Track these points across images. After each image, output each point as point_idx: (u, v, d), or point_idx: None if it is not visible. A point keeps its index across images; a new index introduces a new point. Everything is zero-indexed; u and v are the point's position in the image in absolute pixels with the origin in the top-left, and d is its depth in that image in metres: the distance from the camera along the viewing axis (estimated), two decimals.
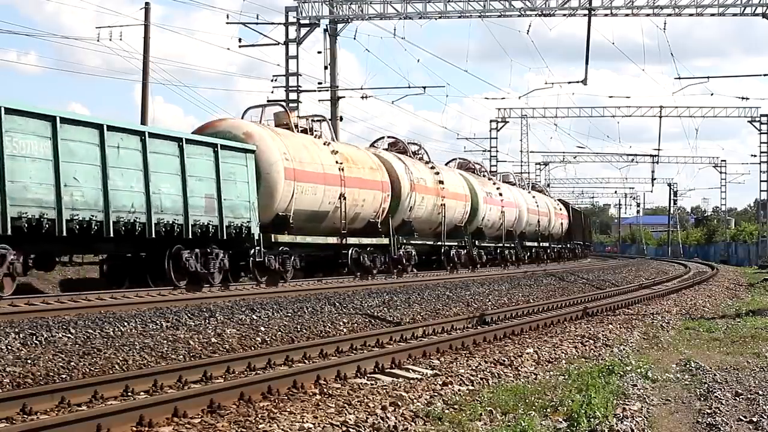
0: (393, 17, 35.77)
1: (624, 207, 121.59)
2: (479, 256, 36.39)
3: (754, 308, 20.88)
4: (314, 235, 23.66)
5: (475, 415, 8.08)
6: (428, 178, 31.00)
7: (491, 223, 38.37)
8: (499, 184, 41.68)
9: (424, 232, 30.86)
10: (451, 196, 32.83)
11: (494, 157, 61.15)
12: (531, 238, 46.59)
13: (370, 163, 26.91)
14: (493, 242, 39.48)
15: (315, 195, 23.18)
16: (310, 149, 23.71)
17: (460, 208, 33.84)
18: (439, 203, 31.46)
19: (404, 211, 28.58)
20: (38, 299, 15.13)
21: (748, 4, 33.82)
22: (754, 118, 57.97)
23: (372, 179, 26.39)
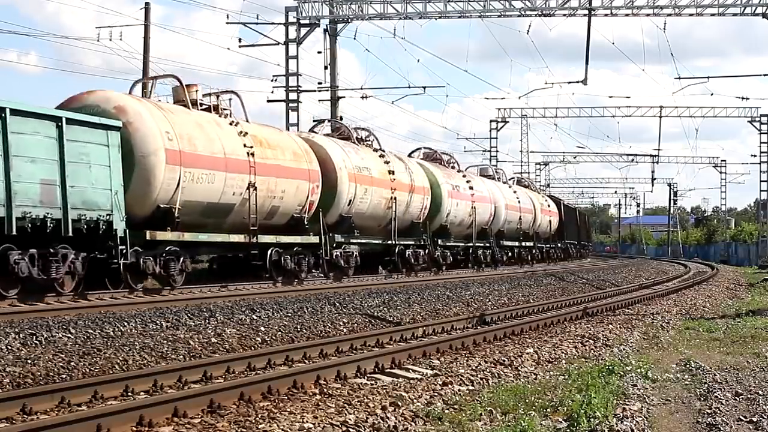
0: (393, 17, 35.79)
1: (624, 207, 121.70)
2: (443, 257, 32.30)
3: (754, 308, 20.88)
4: (217, 232, 19.84)
5: (475, 415, 8.08)
6: (375, 168, 26.96)
7: (459, 220, 34.23)
8: (471, 177, 37.16)
9: (370, 229, 27.00)
10: (405, 189, 28.81)
11: (494, 157, 61.21)
12: (511, 237, 42.45)
13: (294, 147, 22.93)
14: (462, 241, 35.26)
15: (212, 184, 19.18)
16: (208, 129, 19.57)
17: (417, 202, 29.81)
18: (389, 196, 27.47)
19: (341, 205, 24.75)
20: (38, 299, 15.12)
21: (748, 4, 33.82)
22: (754, 118, 57.99)
23: (295, 167, 22.37)
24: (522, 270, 37.28)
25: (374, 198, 26.66)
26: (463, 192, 34.62)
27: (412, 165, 30.92)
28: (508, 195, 42.33)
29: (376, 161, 27.51)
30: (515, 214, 42.35)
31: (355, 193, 25.36)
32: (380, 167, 27.52)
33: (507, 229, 41.28)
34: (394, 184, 27.91)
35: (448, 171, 34.52)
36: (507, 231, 41.35)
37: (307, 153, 23.43)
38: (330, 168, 24.36)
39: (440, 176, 32.54)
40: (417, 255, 29.78)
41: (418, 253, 29.90)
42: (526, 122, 68.20)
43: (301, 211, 22.83)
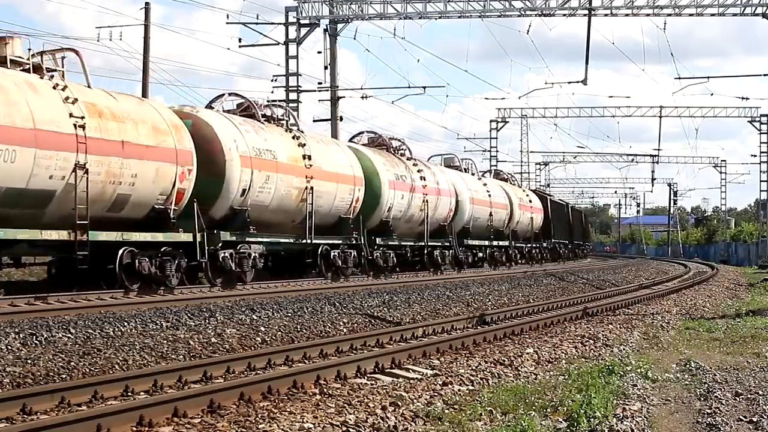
0: (393, 17, 35.80)
1: (624, 207, 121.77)
2: (385, 258, 27.67)
3: (754, 308, 20.89)
4: (32, 226, 15.61)
5: (475, 415, 8.08)
6: (283, 151, 22.10)
7: (406, 215, 29.60)
8: (426, 167, 32.24)
9: (278, 226, 22.48)
10: (327, 177, 24.06)
11: (494, 157, 61.24)
12: (480, 236, 37.69)
13: (155, 121, 17.91)
14: (412, 240, 30.65)
15: (12, 163, 14.74)
16: (12, 93, 15.11)
17: (345, 193, 25.14)
18: (303, 186, 22.74)
19: (231, 195, 20.01)
20: (38, 299, 15.12)
21: (748, 4, 33.84)
22: (754, 118, 58.02)
23: (154, 145, 17.58)
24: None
25: (281, 187, 21.75)
26: (412, 183, 29.83)
27: (341, 150, 26.18)
28: (476, 188, 37.44)
29: (285, 143, 22.48)
30: (484, 209, 37.89)
31: (251, 180, 20.40)
32: (291, 150, 22.55)
33: (474, 227, 36.74)
34: (310, 172, 22.99)
35: (393, 159, 29.74)
36: (474, 229, 36.76)
37: (177, 129, 18.43)
38: (216, 149, 19.70)
39: (380, 164, 27.90)
40: (347, 257, 25.12)
41: (349, 254, 25.26)
42: (526, 122, 68.26)
43: (165, 202, 17.96)
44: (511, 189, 43.92)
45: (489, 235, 38.71)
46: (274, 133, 22.45)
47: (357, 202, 25.96)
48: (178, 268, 18.12)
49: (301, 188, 22.80)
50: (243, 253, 20.34)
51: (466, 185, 35.74)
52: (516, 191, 44.92)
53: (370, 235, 26.90)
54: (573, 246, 59.34)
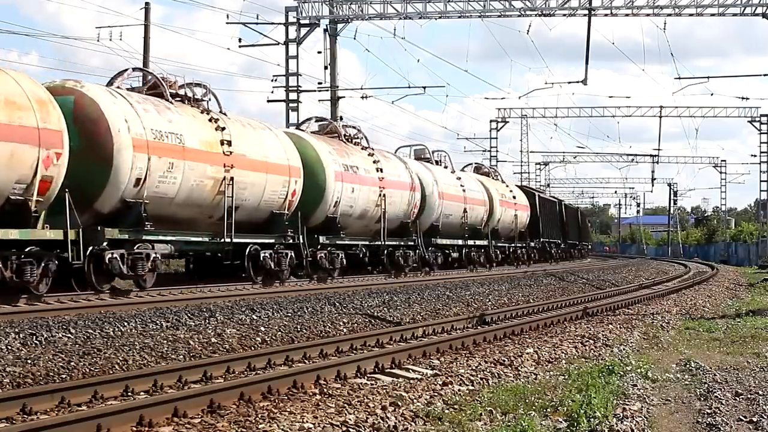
0: (393, 17, 35.83)
1: (624, 207, 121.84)
2: (331, 258, 24.33)
3: (754, 308, 20.89)
4: None
5: (475, 415, 8.08)
6: (194, 136, 18.91)
7: (359, 212, 26.14)
8: (384, 157, 28.68)
9: (188, 221, 19.29)
10: (253, 167, 20.76)
11: (494, 157, 61.26)
12: (452, 234, 34.34)
13: (9, 93, 14.70)
14: (366, 239, 27.08)
15: None
16: None
17: (276, 186, 21.63)
18: (221, 176, 19.43)
19: (122, 185, 17.10)
20: (38, 299, 15.12)
21: (748, 4, 33.85)
22: (754, 118, 58.03)
23: (5, 123, 14.37)
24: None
25: (190, 177, 18.63)
26: (365, 175, 26.44)
27: (274, 136, 22.61)
28: (448, 182, 33.99)
29: (198, 126, 19.31)
30: (457, 205, 34.40)
31: (148, 168, 17.50)
32: (205, 135, 19.35)
33: (445, 225, 33.21)
34: (230, 159, 19.77)
35: (346, 148, 26.45)
36: (445, 227, 33.27)
37: (43, 105, 15.28)
38: (102, 130, 16.88)
39: (326, 153, 24.64)
40: (281, 258, 21.70)
41: (285, 255, 21.87)
42: (526, 122, 68.35)
43: (25, 192, 14.85)
44: (491, 184, 40.49)
45: (463, 234, 35.27)
46: (185, 114, 19.14)
47: (294, 195, 22.54)
48: (45, 272, 15.00)
49: (217, 178, 19.35)
50: (139, 254, 17.29)
51: (435, 179, 32.23)
52: (498, 186, 41.46)
53: (313, 234, 23.71)
54: (567, 246, 56.93)
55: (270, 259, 21.32)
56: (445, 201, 32.93)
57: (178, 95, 19.80)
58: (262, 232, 21.66)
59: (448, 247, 34.02)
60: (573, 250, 59.60)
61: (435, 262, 31.71)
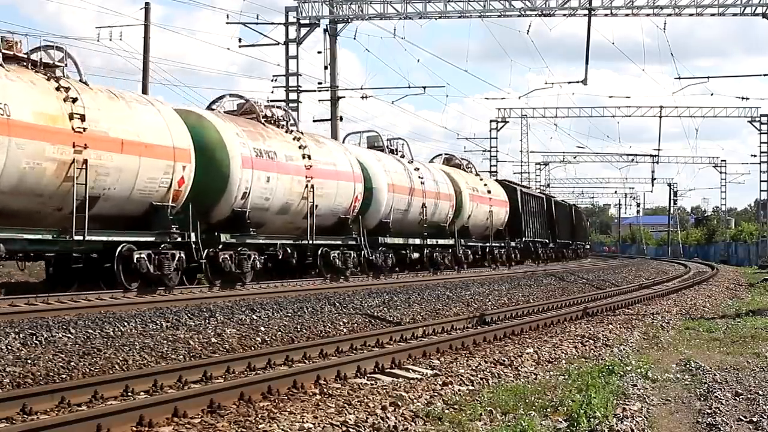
0: (393, 17, 35.82)
1: (624, 207, 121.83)
2: (238, 262, 20.31)
3: (754, 308, 20.88)
4: None
5: (475, 415, 8.08)
6: (30, 106, 15.27)
7: (278, 205, 22.06)
8: (312, 143, 24.20)
9: (29, 215, 15.70)
10: (118, 148, 16.84)
11: (494, 157, 61.24)
12: (408, 233, 30.36)
13: None
14: (290, 238, 22.88)
15: None
16: None
17: (154, 172, 17.64)
18: (68, 159, 15.80)
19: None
20: (38, 299, 15.12)
21: (748, 4, 33.84)
22: (754, 118, 58.02)
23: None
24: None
25: (21, 159, 14.96)
26: (287, 162, 22.36)
27: (153, 112, 18.29)
28: (401, 173, 29.87)
29: (37, 96, 15.58)
30: (414, 200, 30.36)
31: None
32: (47, 106, 15.62)
33: (397, 221, 29.24)
34: (83, 138, 16.00)
35: (263, 130, 22.28)
36: (398, 224, 29.26)
37: None
38: None
39: (232, 135, 20.46)
40: (163, 260, 17.79)
41: (169, 256, 17.98)
42: (526, 122, 68.35)
43: None
44: (461, 177, 36.51)
45: (422, 232, 31.46)
46: (19, 80, 15.49)
47: (182, 184, 18.49)
48: None
49: (63, 161, 15.66)
50: None
51: (385, 169, 28.43)
52: (469, 180, 37.46)
53: (214, 231, 19.90)
54: (558, 246, 53.51)
55: (148, 261, 17.38)
56: (398, 194, 29.03)
57: (18, 58, 16.07)
58: (141, 228, 17.77)
59: (403, 246, 30.02)
60: (566, 251, 56.90)
61: (384, 264, 27.79)
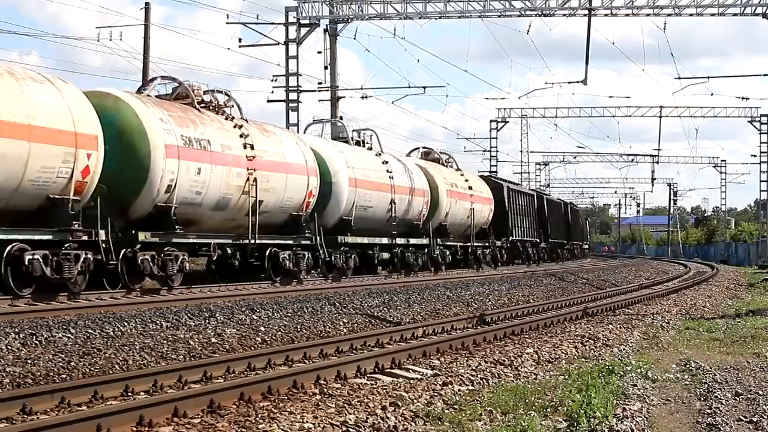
0: (393, 17, 35.85)
1: (624, 207, 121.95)
2: (162, 264, 18.06)
3: (754, 308, 20.87)
4: None
5: (475, 415, 8.08)
6: None
7: (213, 201, 19.64)
8: (255, 130, 21.61)
9: None
10: None
11: (494, 157, 61.25)
12: (372, 231, 27.66)
13: None
14: (229, 237, 20.51)
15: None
16: None
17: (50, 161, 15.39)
18: None
19: None
20: (38, 299, 15.12)
21: (748, 4, 33.86)
22: (754, 118, 58.02)
23: None
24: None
25: None
26: (223, 152, 19.77)
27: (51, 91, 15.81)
28: (366, 166, 27.38)
29: None
30: (380, 195, 27.83)
31: None
32: None
33: (361, 219, 26.68)
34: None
35: (196, 117, 19.72)
36: (362, 221, 26.77)
37: None
38: None
39: (154, 120, 17.97)
40: (61, 262, 15.47)
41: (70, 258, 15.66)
42: (526, 122, 68.39)
43: None
44: (438, 172, 33.94)
45: (391, 231, 28.71)
46: None
47: (86, 175, 16.14)
48: None
49: None
50: None
51: (346, 162, 25.99)
52: (447, 175, 34.88)
53: (133, 229, 17.69)
54: (551, 246, 51.66)
55: (44, 263, 15.11)
56: (361, 189, 26.43)
57: None
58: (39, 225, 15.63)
59: (369, 246, 27.46)
60: (560, 251, 54.80)
61: (345, 265, 25.52)
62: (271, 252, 21.79)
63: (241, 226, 20.80)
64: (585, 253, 68.47)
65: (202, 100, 20.90)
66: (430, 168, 33.60)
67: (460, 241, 35.67)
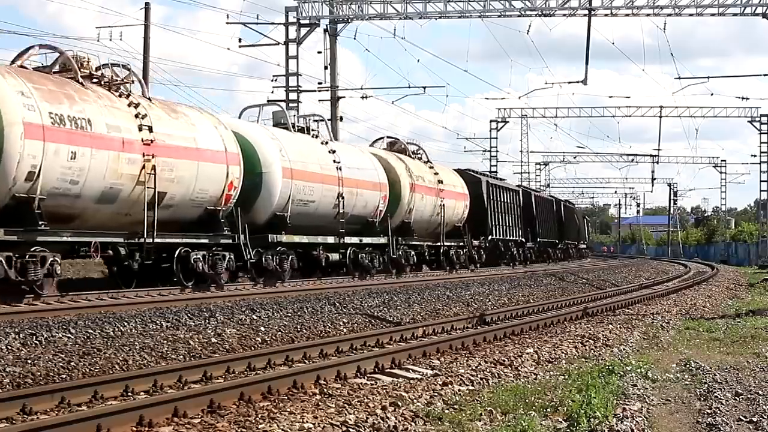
0: (393, 17, 35.84)
1: (624, 207, 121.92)
2: (21, 267, 14.81)
3: (754, 308, 20.87)
4: None
5: (475, 415, 8.08)
6: None
7: (96, 192, 16.63)
8: (162, 111, 18.71)
9: None
10: None
11: (494, 157, 61.26)
12: (316, 229, 23.98)
13: None
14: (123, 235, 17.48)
15: None
16: None
17: None
18: None
19: None
20: (38, 299, 15.12)
21: (748, 4, 33.85)
22: (754, 118, 58.01)
23: None
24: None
25: None
26: (110, 134, 16.75)
27: None
28: (308, 156, 23.86)
29: None
30: (325, 189, 24.26)
31: None
32: None
33: (301, 215, 23.21)
34: None
35: (73, 92, 16.47)
36: (302, 218, 23.23)
37: None
38: None
39: (12, 95, 15.02)
40: None
41: None
42: (526, 122, 68.37)
43: None
44: (402, 164, 30.16)
45: (338, 228, 25.09)
46: None
47: None
48: None
49: None
50: None
51: (281, 150, 22.54)
52: (415, 168, 31.12)
53: None
54: (540, 246, 48.43)
55: None
56: (299, 181, 22.89)
57: None
58: None
59: (313, 246, 24.00)
60: (552, 250, 51.62)
61: (279, 267, 22.09)
62: (181, 253, 18.79)
63: (140, 222, 17.70)
64: (583, 254, 66.76)
65: (91, 74, 17.57)
66: (391, 159, 29.79)
67: (428, 241, 32.14)
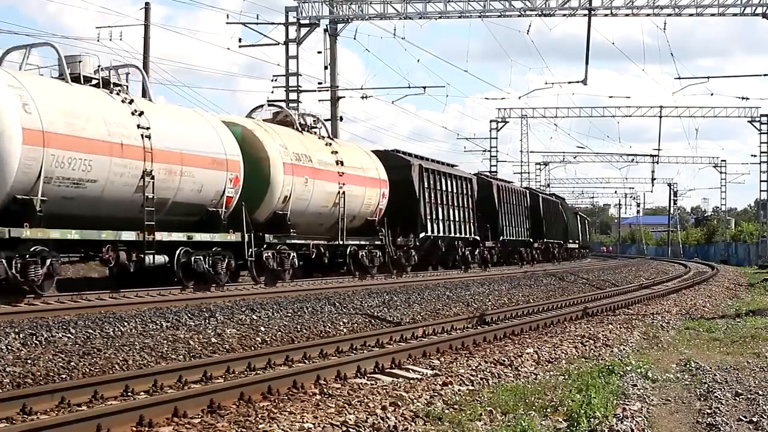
0: (393, 17, 35.82)
1: (624, 207, 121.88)
2: None
3: (754, 308, 20.87)
4: None
5: (475, 415, 8.08)
6: None
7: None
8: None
9: None
10: None
11: (494, 157, 61.23)
12: (106, 222, 16.68)
13: None
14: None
15: None
16: None
17: None
18: None
19: None
20: (38, 299, 15.11)
21: (748, 4, 33.83)
22: (754, 118, 57.99)
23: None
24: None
25: None
26: None
27: None
28: (87, 119, 16.21)
29: None
30: (118, 164, 16.76)
31: None
32: None
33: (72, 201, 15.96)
34: None
35: None
36: (73, 206, 16.02)
37: None
38: None
39: None
40: None
41: None
42: (526, 122, 68.35)
43: None
44: (279, 138, 22.77)
45: (138, 218, 17.45)
46: None
47: None
48: None
49: None
50: None
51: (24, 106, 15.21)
52: (300, 144, 23.82)
53: None
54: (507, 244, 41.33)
55: None
56: (64, 152, 15.63)
57: None
58: None
59: (93, 244, 16.64)
60: (525, 251, 44.89)
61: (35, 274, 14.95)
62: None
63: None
64: (573, 254, 60.13)
65: None
66: (259, 132, 22.47)
67: (323, 239, 24.85)
